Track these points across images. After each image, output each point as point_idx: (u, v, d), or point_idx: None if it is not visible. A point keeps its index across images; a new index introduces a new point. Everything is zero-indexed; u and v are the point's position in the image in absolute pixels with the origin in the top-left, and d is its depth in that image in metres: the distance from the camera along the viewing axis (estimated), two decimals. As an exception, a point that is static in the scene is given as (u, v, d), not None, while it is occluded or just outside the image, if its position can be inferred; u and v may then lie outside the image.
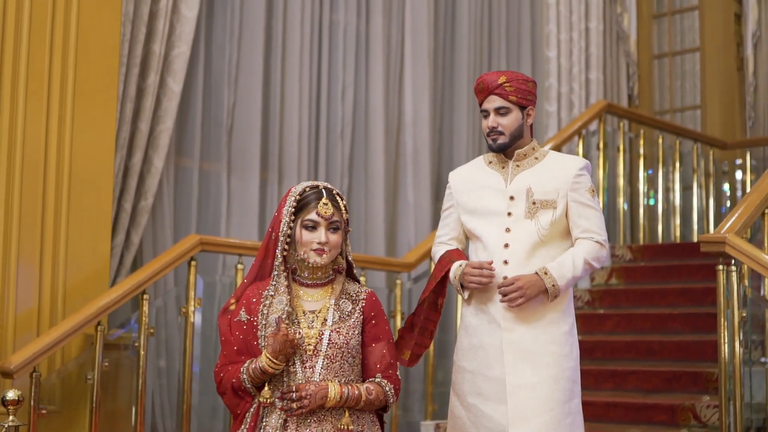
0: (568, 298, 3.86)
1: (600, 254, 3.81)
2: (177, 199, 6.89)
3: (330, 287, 3.38)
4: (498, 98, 3.83)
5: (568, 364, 3.77)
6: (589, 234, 3.80)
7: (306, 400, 3.15)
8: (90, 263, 5.62)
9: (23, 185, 5.37)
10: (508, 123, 3.83)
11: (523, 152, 3.89)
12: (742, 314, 5.44)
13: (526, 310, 3.74)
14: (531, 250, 3.77)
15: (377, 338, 3.37)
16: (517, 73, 3.88)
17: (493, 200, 3.86)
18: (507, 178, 3.87)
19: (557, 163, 3.89)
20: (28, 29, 5.45)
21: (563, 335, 3.78)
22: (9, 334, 5.24)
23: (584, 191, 3.83)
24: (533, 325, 3.75)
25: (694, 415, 5.99)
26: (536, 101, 3.96)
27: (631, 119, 9.20)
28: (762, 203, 5.78)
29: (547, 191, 3.81)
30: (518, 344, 3.73)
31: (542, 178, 3.84)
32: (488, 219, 3.85)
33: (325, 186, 3.39)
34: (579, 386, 3.83)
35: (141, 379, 5.48)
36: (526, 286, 3.67)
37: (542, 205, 3.79)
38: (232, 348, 3.31)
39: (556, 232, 3.81)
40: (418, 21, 8.46)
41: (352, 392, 3.23)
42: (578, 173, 3.84)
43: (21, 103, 5.39)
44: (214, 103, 7.19)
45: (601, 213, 3.88)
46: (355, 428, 3.26)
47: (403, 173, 8.29)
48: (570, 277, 3.74)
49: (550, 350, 3.74)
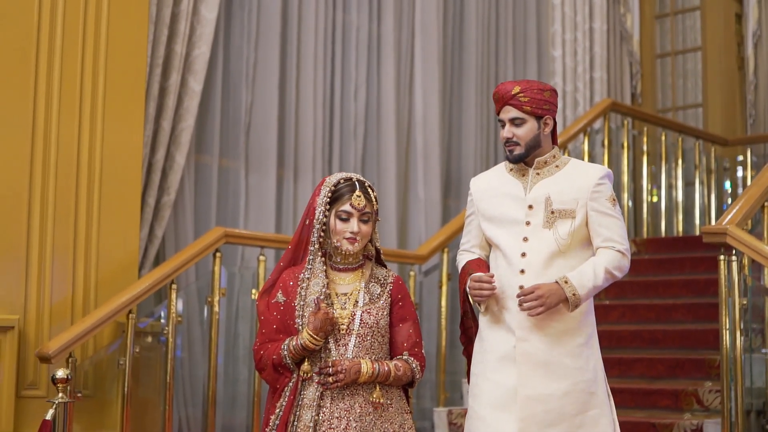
0: (585, 309, 3.78)
1: (622, 263, 3.74)
2: (197, 195, 7.14)
3: (360, 272, 3.63)
4: (513, 109, 3.78)
5: (583, 377, 3.72)
6: (611, 243, 3.73)
7: (341, 375, 3.42)
8: (120, 255, 5.89)
9: (57, 182, 5.67)
10: (524, 133, 3.78)
11: (543, 160, 3.83)
12: (743, 302, 5.69)
13: (541, 320, 3.69)
14: (548, 260, 3.72)
15: (404, 319, 3.63)
16: (533, 82, 3.83)
17: (512, 208, 3.81)
18: (526, 187, 3.82)
19: (578, 172, 3.82)
20: (62, 34, 5.74)
21: (578, 347, 3.73)
22: (45, 322, 5.53)
23: (604, 200, 3.76)
24: (548, 336, 3.70)
25: (697, 399, 6.25)
26: (555, 109, 3.86)
27: (635, 117, 9.44)
28: (762, 196, 6.03)
29: (566, 201, 3.76)
30: (532, 355, 3.70)
31: (562, 187, 3.78)
32: (507, 227, 3.81)
33: (358, 178, 3.63)
34: (599, 398, 3.76)
35: (169, 365, 5.75)
36: (546, 295, 3.62)
37: (561, 215, 3.74)
38: (272, 327, 3.57)
39: (575, 241, 3.75)
40: (428, 22, 8.68)
41: (382, 368, 3.49)
42: (598, 182, 3.77)
43: (55, 103, 5.69)
44: (232, 103, 7.43)
45: (622, 222, 3.81)
46: (384, 401, 3.52)
47: (414, 169, 8.52)
48: (591, 287, 3.67)
49: (564, 363, 3.70)
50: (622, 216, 3.88)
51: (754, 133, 10.17)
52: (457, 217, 7.63)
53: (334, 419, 3.46)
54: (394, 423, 3.54)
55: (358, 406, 3.48)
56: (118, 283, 5.78)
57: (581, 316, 3.76)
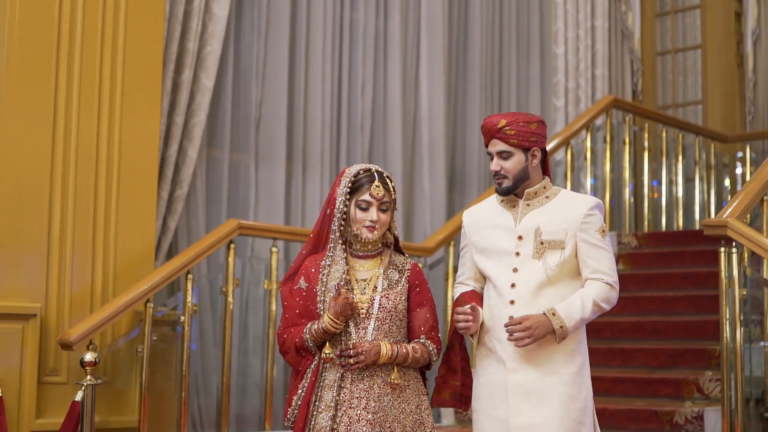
0: (578, 339, 3.77)
1: (610, 296, 3.72)
2: (209, 188, 7.29)
3: (379, 258, 3.80)
4: (500, 142, 3.76)
5: (576, 405, 3.68)
6: (599, 275, 3.71)
7: (362, 356, 3.58)
8: (137, 246, 6.06)
9: (77, 176, 5.84)
10: (511, 166, 3.77)
11: (533, 191, 3.82)
12: (743, 294, 5.85)
13: (532, 351, 3.68)
14: (537, 290, 3.70)
15: (421, 304, 3.79)
16: (520, 115, 3.79)
17: (502, 240, 3.80)
18: (517, 218, 3.81)
19: (567, 203, 3.81)
20: (81, 31, 5.90)
21: (571, 376, 3.69)
22: (66, 311, 5.70)
23: (594, 231, 3.74)
24: (539, 367, 3.68)
25: (698, 388, 6.42)
26: (544, 140, 3.83)
27: (637, 114, 9.59)
28: (761, 191, 6.19)
29: (556, 231, 3.74)
30: (522, 385, 3.68)
31: (551, 217, 3.77)
32: (497, 259, 3.80)
33: (377, 169, 3.79)
34: (588, 427, 3.74)
35: (185, 354, 5.91)
36: (534, 326, 3.60)
37: (550, 246, 3.73)
38: (294, 312, 3.73)
39: (564, 272, 3.74)
40: (433, 20, 8.84)
41: (401, 350, 3.66)
42: (588, 213, 3.75)
43: (75, 99, 5.86)
44: (242, 98, 7.57)
45: (611, 253, 3.77)
46: (402, 383, 3.68)
47: (420, 164, 8.66)
48: (578, 319, 3.66)
49: (557, 391, 3.67)
50: (611, 247, 3.83)
51: (753, 130, 10.32)
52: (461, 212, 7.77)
53: (354, 399, 3.62)
54: (411, 404, 3.71)
55: (377, 387, 3.64)
56: (136, 274, 5.94)
57: (575, 346, 3.74)
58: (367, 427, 3.59)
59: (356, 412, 3.61)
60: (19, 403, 5.45)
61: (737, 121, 10.66)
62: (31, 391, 5.49)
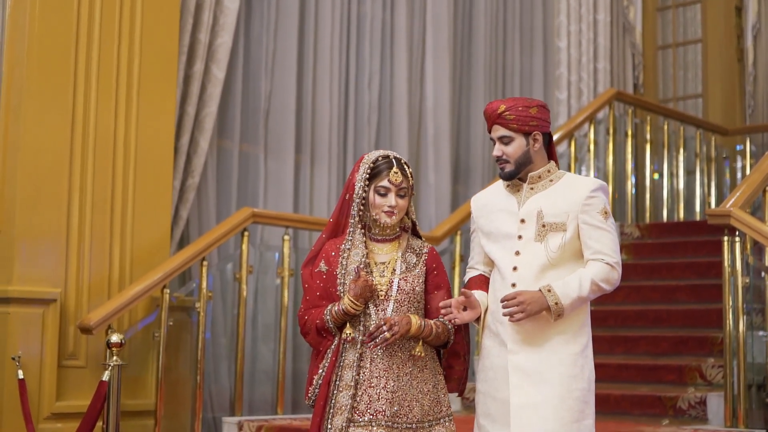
0: (581, 321, 3.75)
1: (610, 276, 3.69)
2: (219, 178, 7.41)
3: (397, 242, 3.91)
4: (501, 127, 3.79)
5: (578, 385, 3.66)
6: (600, 255, 3.69)
7: (396, 327, 3.69)
8: (153, 234, 6.21)
9: (95, 165, 6.01)
10: (512, 151, 3.78)
11: (537, 175, 3.82)
12: (746, 281, 5.99)
13: (533, 333, 3.69)
14: (539, 273, 3.70)
15: (439, 286, 3.90)
16: (519, 100, 3.82)
17: (506, 223, 3.81)
18: (520, 201, 3.81)
19: (570, 185, 3.80)
20: (99, 24, 6.06)
21: (572, 356, 3.68)
22: (84, 297, 5.85)
23: (595, 213, 3.72)
24: (540, 348, 3.69)
25: (701, 374, 6.54)
26: (546, 124, 3.83)
27: (639, 107, 9.71)
28: (762, 182, 6.33)
29: (557, 214, 3.73)
30: (523, 366, 3.68)
31: (554, 200, 3.76)
32: (501, 242, 3.82)
33: (395, 156, 3.90)
34: (591, 408, 3.72)
35: (200, 339, 6.04)
36: (528, 301, 3.59)
37: (552, 228, 3.72)
38: (315, 294, 3.85)
39: (567, 254, 3.73)
40: (439, 13, 8.97)
41: (427, 323, 3.78)
42: (590, 195, 3.73)
43: (93, 92, 6.04)
44: (252, 90, 7.69)
45: (614, 235, 3.74)
46: (426, 355, 3.81)
47: (425, 156, 8.79)
48: (575, 297, 3.63)
49: (558, 371, 3.66)
50: (616, 229, 3.79)
51: (753, 123, 10.43)
52: (467, 202, 7.91)
53: (373, 378, 3.74)
54: (428, 383, 3.82)
55: (395, 366, 3.75)
56: (151, 261, 6.09)
57: (577, 327, 3.73)
58: (386, 405, 3.71)
59: (376, 391, 3.72)
60: (40, 386, 5.60)
61: (737, 114, 10.76)
62: (52, 374, 5.64)
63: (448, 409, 3.87)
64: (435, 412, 3.82)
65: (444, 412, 3.84)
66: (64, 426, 5.62)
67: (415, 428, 3.75)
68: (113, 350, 4.79)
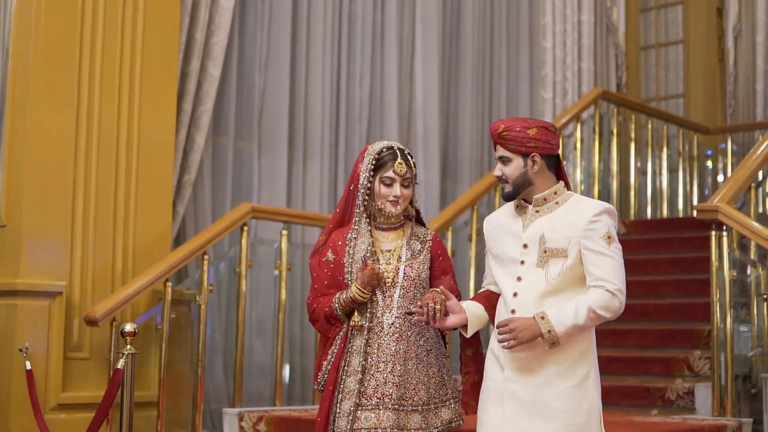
0: (580, 350, 3.61)
1: (611, 303, 3.55)
2: (215, 174, 7.52)
3: (402, 230, 4.03)
4: (501, 147, 3.70)
5: (574, 420, 3.55)
6: (600, 282, 3.55)
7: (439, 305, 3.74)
8: (155, 228, 6.33)
9: (99, 159, 6.12)
10: (510, 172, 3.68)
11: (542, 197, 3.71)
12: (732, 274, 6.14)
13: (529, 360, 3.60)
14: (539, 300, 3.59)
15: (445, 272, 4.04)
16: (519, 120, 3.71)
17: (511, 247, 3.72)
18: (525, 224, 3.71)
19: (573, 209, 3.66)
20: (103, 23, 6.19)
21: (569, 389, 3.57)
22: (89, 289, 5.96)
23: (598, 238, 3.56)
24: (535, 377, 3.59)
25: (688, 366, 6.68)
26: (547, 146, 3.68)
27: (624, 106, 9.86)
28: (749, 178, 6.51)
29: (559, 239, 3.61)
30: (517, 395, 3.60)
31: (556, 225, 3.64)
32: (506, 266, 3.73)
33: (398, 147, 4.01)
34: None
35: (201, 332, 6.15)
36: (519, 329, 3.51)
37: (553, 254, 3.60)
38: (323, 282, 3.97)
39: (568, 281, 3.60)
40: (428, 14, 9.11)
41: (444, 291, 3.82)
42: (592, 219, 3.58)
43: (97, 87, 6.15)
44: (246, 88, 7.80)
45: (618, 260, 3.60)
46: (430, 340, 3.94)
47: (414, 152, 8.84)
48: (570, 325, 3.49)
49: (553, 405, 3.56)
50: (620, 255, 3.64)
51: (734, 122, 10.57)
52: (458, 199, 8.03)
53: (380, 363, 3.86)
54: (434, 366, 3.95)
55: (402, 351, 3.88)
56: (153, 255, 6.21)
57: (575, 358, 3.59)
58: (393, 389, 3.84)
59: (383, 376, 3.85)
60: (46, 377, 5.70)
61: (718, 113, 10.92)
62: (58, 365, 5.75)
63: (454, 392, 4.00)
64: (441, 395, 3.95)
65: (450, 395, 3.98)
66: (70, 416, 5.73)
67: (421, 411, 3.88)
68: (127, 339, 4.91)
